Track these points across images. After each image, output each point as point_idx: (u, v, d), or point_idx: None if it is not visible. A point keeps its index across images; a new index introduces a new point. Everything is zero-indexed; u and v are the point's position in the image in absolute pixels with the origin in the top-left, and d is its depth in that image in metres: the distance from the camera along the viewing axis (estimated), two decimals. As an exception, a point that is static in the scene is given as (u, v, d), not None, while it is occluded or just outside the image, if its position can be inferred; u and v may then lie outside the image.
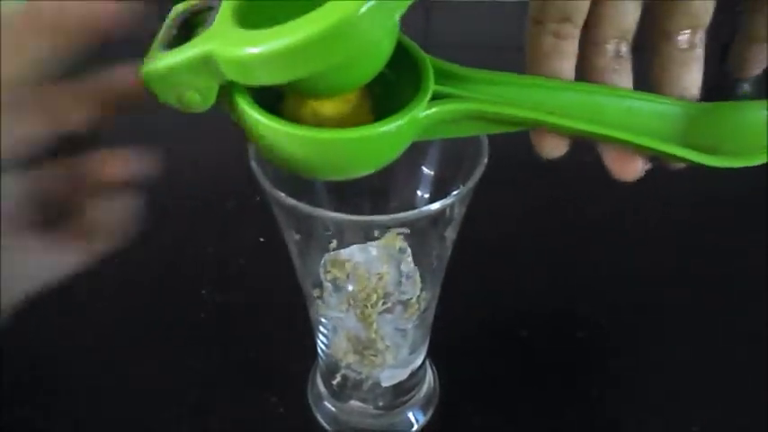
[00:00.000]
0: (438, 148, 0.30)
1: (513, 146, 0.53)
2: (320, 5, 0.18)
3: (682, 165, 0.25)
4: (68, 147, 0.22)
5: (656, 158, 0.25)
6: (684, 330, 0.41)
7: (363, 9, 0.17)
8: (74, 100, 0.21)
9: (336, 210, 0.25)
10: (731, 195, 0.50)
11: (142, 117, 0.61)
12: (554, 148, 0.26)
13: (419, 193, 0.31)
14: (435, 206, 0.25)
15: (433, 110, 0.22)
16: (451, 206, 0.27)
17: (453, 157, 0.28)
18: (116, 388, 0.38)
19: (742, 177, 0.53)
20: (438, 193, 0.27)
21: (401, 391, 0.35)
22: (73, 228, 0.22)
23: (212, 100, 0.21)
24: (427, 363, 0.36)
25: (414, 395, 0.36)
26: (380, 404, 0.35)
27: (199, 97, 0.21)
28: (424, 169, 0.31)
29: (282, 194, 0.25)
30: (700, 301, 0.42)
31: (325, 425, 0.36)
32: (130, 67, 0.21)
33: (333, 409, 0.36)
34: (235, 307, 0.42)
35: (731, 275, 0.44)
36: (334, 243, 0.29)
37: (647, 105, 0.25)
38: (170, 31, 0.22)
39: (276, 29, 0.18)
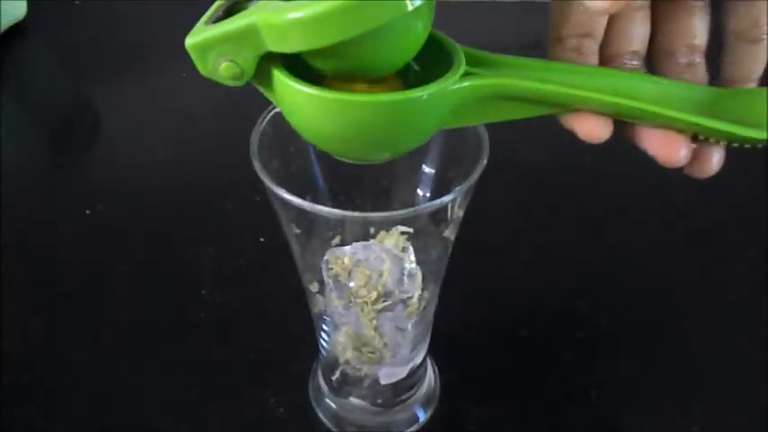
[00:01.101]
0: (439, 147, 0.30)
1: (514, 146, 0.53)
2: None
3: (718, 151, 0.25)
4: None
5: (697, 139, 0.24)
6: (684, 330, 0.41)
7: None
8: None
9: (338, 208, 0.25)
10: (731, 195, 0.50)
11: (142, 117, 0.61)
12: (594, 129, 0.24)
13: (420, 192, 0.31)
14: (433, 204, 0.25)
15: (465, 83, 0.22)
16: (452, 205, 0.27)
17: (454, 157, 0.28)
18: (116, 388, 0.38)
19: (742, 177, 0.54)
20: (439, 193, 0.27)
21: (401, 389, 0.35)
22: None
23: (250, 73, 0.22)
24: (428, 361, 0.36)
25: (414, 393, 0.36)
26: (380, 401, 0.35)
27: (237, 69, 0.22)
28: (425, 169, 0.31)
29: (284, 192, 0.25)
30: (700, 301, 0.42)
31: (325, 422, 0.36)
32: None
33: (333, 405, 0.36)
34: (235, 307, 0.42)
35: (731, 275, 0.44)
36: (336, 240, 0.29)
37: (681, 90, 0.25)
38: (217, 12, 0.23)
39: None
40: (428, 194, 0.31)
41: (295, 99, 0.22)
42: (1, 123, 0.56)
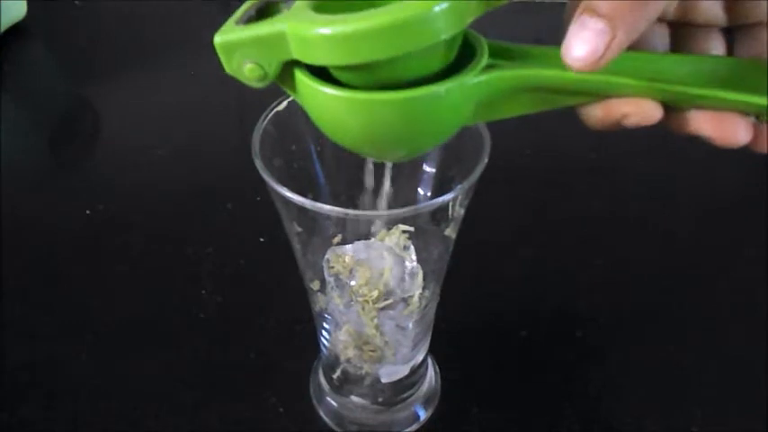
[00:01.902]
0: (440, 147, 0.30)
1: (515, 145, 0.53)
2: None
3: None
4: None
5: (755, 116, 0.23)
6: (684, 330, 0.41)
7: (435, 9, 0.19)
8: None
9: (339, 207, 0.25)
10: (731, 195, 0.50)
11: (142, 117, 0.61)
12: (647, 109, 0.22)
13: (421, 191, 0.31)
14: (434, 202, 0.25)
15: (485, 76, 0.22)
16: (453, 204, 0.27)
17: (455, 156, 0.28)
18: (116, 388, 0.38)
19: (742, 177, 0.54)
20: (440, 192, 0.27)
21: (402, 388, 0.35)
22: None
23: (273, 77, 0.23)
24: (429, 360, 0.36)
25: (415, 392, 0.36)
26: (380, 400, 0.35)
27: (261, 72, 0.22)
28: (426, 167, 0.31)
29: (285, 190, 0.25)
30: (699, 301, 0.42)
31: (326, 420, 0.36)
32: None
33: (334, 404, 0.36)
34: (235, 307, 0.42)
35: (731, 275, 0.44)
36: (337, 238, 0.29)
37: (708, 64, 0.24)
38: (249, 11, 0.23)
39: (349, 15, 0.20)
40: (429, 193, 0.31)
41: (316, 99, 0.22)
42: (1, 123, 0.56)
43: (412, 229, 0.30)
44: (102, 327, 0.41)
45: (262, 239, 0.45)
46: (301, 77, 0.22)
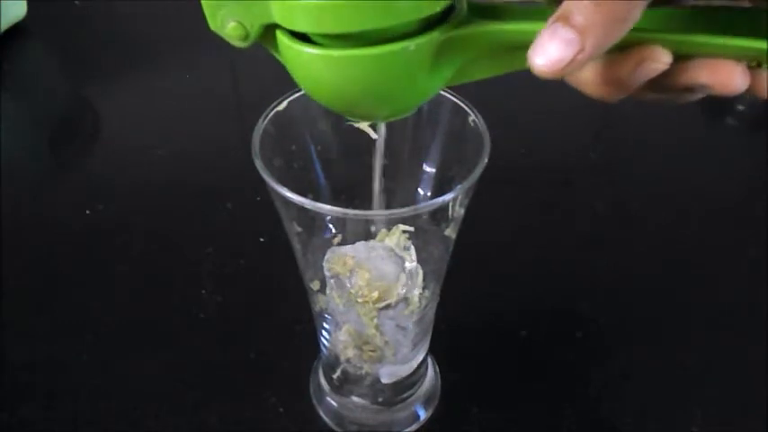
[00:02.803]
0: (440, 146, 0.30)
1: (515, 145, 0.53)
2: None
3: None
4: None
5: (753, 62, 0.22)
6: (684, 330, 0.41)
7: None
8: None
9: (339, 207, 0.25)
10: (731, 195, 0.50)
11: (142, 117, 0.61)
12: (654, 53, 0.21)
13: (421, 191, 0.31)
14: (434, 202, 0.25)
15: (458, 32, 0.22)
16: (453, 204, 0.27)
17: (455, 156, 0.28)
18: (116, 388, 0.38)
19: (742, 177, 0.54)
20: (440, 193, 0.27)
21: (402, 388, 0.35)
22: None
23: (254, 37, 0.23)
24: (429, 360, 0.36)
25: (415, 392, 0.36)
26: (380, 400, 0.35)
27: (243, 31, 0.23)
28: (426, 167, 0.31)
29: (285, 190, 0.25)
30: (700, 301, 0.42)
31: (326, 420, 0.36)
32: None
33: (334, 404, 0.36)
34: (235, 307, 0.42)
35: (731, 275, 0.44)
36: (338, 238, 0.29)
37: (712, 14, 0.23)
38: None
39: None
40: (429, 193, 0.31)
41: (294, 58, 0.22)
42: (1, 123, 0.56)
43: (412, 229, 0.30)
44: (102, 327, 0.41)
45: (262, 239, 0.45)
46: (281, 38, 0.22)
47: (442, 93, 0.29)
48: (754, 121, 0.56)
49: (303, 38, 0.22)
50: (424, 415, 0.36)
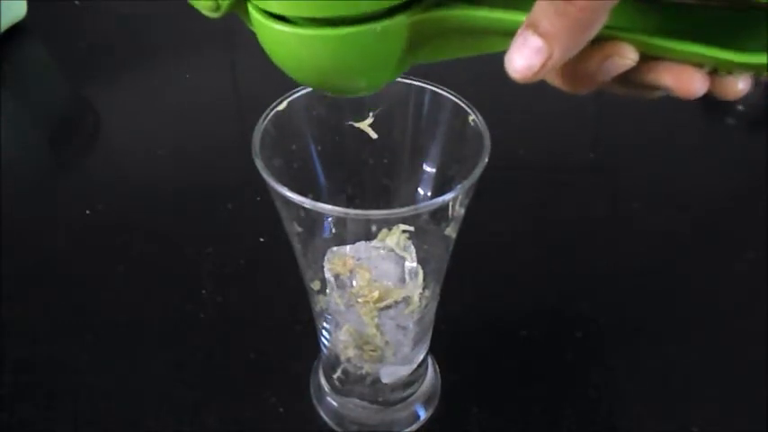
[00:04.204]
0: (440, 146, 0.30)
1: (515, 144, 0.53)
2: None
3: (743, 83, 0.22)
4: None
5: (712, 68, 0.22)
6: (684, 330, 0.41)
7: None
8: None
9: (339, 207, 0.25)
10: (731, 195, 0.50)
11: (142, 117, 0.61)
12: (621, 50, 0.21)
13: (421, 191, 0.31)
14: (434, 202, 0.25)
15: (426, 15, 0.22)
16: (453, 204, 0.27)
17: (455, 156, 0.29)
18: (116, 388, 0.38)
19: (742, 177, 0.54)
20: (440, 193, 0.27)
21: (402, 388, 0.35)
22: None
23: (225, 10, 0.23)
24: (429, 359, 0.36)
25: (415, 391, 0.36)
26: (381, 400, 0.35)
27: (214, 3, 0.23)
28: (426, 167, 0.31)
29: (286, 190, 0.25)
30: (699, 301, 0.42)
31: (327, 420, 0.36)
32: None
33: (335, 404, 0.36)
34: (235, 307, 0.42)
35: (731, 275, 0.44)
36: (338, 238, 0.29)
37: (688, 11, 0.23)
38: None
39: None
40: (429, 193, 0.31)
41: (265, 32, 0.22)
42: (1, 123, 0.56)
43: (412, 228, 0.30)
44: (102, 327, 0.41)
45: (262, 239, 0.45)
46: (253, 12, 0.23)
47: (442, 93, 0.29)
48: (754, 121, 0.56)
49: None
50: (424, 415, 0.36)
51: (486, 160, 0.26)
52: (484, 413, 0.36)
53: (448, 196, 0.25)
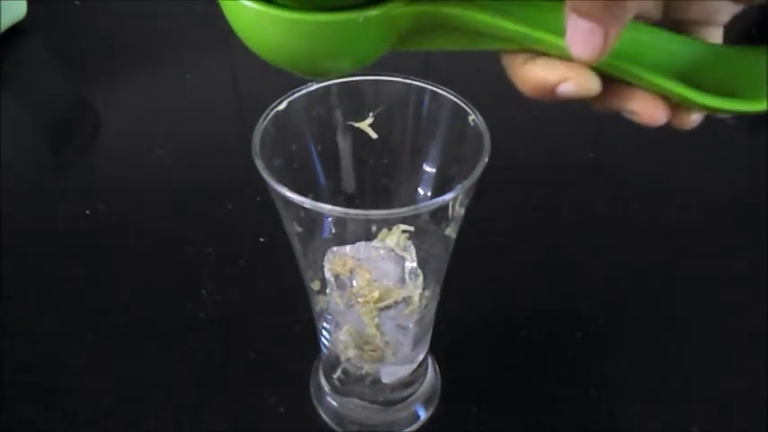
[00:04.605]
0: (440, 146, 0.30)
1: (515, 144, 0.53)
2: None
3: (696, 117, 0.23)
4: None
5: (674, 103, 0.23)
6: (684, 330, 0.41)
7: None
8: None
9: (339, 207, 0.25)
10: (731, 195, 0.50)
11: (142, 117, 0.61)
12: (546, 77, 0.22)
13: (421, 191, 0.31)
14: (434, 202, 0.25)
15: (410, 8, 0.21)
16: (453, 204, 0.27)
17: (455, 156, 0.29)
18: (116, 388, 0.38)
19: (742, 177, 0.54)
20: (440, 193, 0.27)
21: (402, 388, 0.35)
22: None
23: None
24: (429, 359, 0.36)
25: (415, 392, 0.36)
26: (381, 400, 0.35)
27: None
28: (426, 167, 0.31)
29: (285, 190, 0.25)
30: (699, 301, 0.42)
31: (327, 420, 0.36)
32: None
33: (335, 404, 0.36)
34: (235, 307, 0.42)
35: (731, 275, 0.44)
36: (338, 238, 0.29)
37: (660, 40, 0.23)
38: None
39: None
40: (429, 193, 0.31)
41: (233, 7, 0.21)
42: (1, 123, 0.56)
43: (412, 228, 0.30)
44: (102, 327, 0.41)
45: (262, 239, 0.45)
46: None
47: (442, 93, 0.29)
48: (754, 121, 0.56)
49: None
50: (424, 415, 0.36)
51: (486, 160, 0.26)
52: (484, 413, 0.36)
53: (448, 196, 0.25)
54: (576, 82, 0.21)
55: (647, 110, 0.22)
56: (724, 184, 0.51)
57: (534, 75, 0.22)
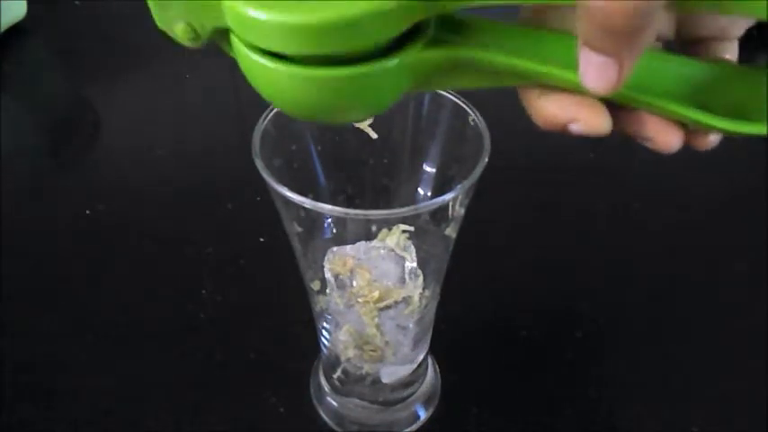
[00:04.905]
0: (440, 146, 0.30)
1: (515, 144, 0.53)
2: None
3: (714, 138, 0.23)
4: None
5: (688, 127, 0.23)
6: (684, 330, 0.41)
7: (386, 8, 0.18)
8: None
9: (339, 207, 0.25)
10: (731, 195, 0.50)
11: (142, 117, 0.61)
12: (557, 114, 0.22)
13: (421, 191, 0.31)
14: (434, 202, 0.25)
15: (425, 55, 0.21)
16: (453, 204, 0.27)
17: (455, 156, 0.28)
18: (116, 388, 0.38)
19: (742, 177, 0.54)
20: (440, 193, 0.27)
21: (402, 388, 0.35)
22: None
23: (204, 38, 0.22)
24: (429, 359, 0.36)
25: (415, 391, 0.36)
26: (381, 400, 0.35)
27: (193, 33, 0.22)
28: (426, 167, 0.31)
29: (286, 190, 0.25)
30: (699, 301, 0.43)
31: (327, 420, 0.36)
32: None
33: (335, 404, 0.36)
34: (235, 307, 0.42)
35: (731, 275, 0.44)
36: (338, 238, 0.29)
37: (672, 65, 0.23)
38: None
39: (289, 3, 0.19)
40: (429, 193, 0.31)
41: (248, 63, 0.21)
42: (1, 124, 0.56)
43: (412, 228, 0.30)
44: (103, 327, 0.41)
45: (262, 239, 0.45)
46: (236, 44, 0.21)
47: (443, 93, 0.29)
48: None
49: None
50: (424, 415, 0.36)
51: (487, 160, 0.26)
52: (484, 413, 0.36)
53: (448, 196, 0.25)
54: (585, 123, 0.21)
55: (661, 136, 0.22)
56: (724, 184, 0.51)
57: (546, 111, 0.22)
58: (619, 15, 0.17)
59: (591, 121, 0.21)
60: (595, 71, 0.19)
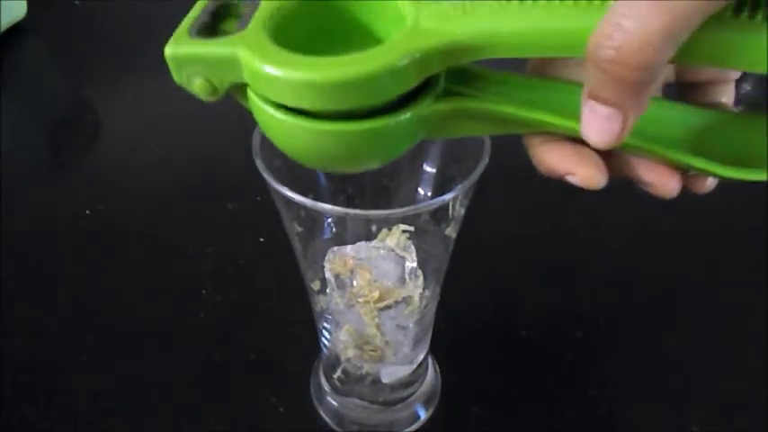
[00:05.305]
0: (440, 146, 0.30)
1: (515, 144, 0.53)
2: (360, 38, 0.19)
3: (712, 182, 0.24)
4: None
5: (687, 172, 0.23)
6: (684, 330, 0.41)
7: (399, 65, 0.19)
8: None
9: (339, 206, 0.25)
10: (731, 196, 0.50)
11: (142, 117, 0.61)
12: (556, 167, 0.23)
13: (421, 191, 0.31)
14: (435, 202, 0.25)
15: (436, 107, 0.22)
16: (453, 204, 0.27)
17: (455, 156, 0.28)
18: (116, 388, 0.38)
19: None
20: (440, 193, 0.27)
21: (402, 388, 0.35)
22: None
23: (221, 93, 0.22)
24: (429, 359, 0.36)
25: (415, 391, 0.36)
26: (381, 400, 0.35)
27: (211, 88, 0.22)
28: (426, 167, 0.31)
29: (286, 189, 0.25)
30: (699, 301, 0.43)
31: (327, 420, 0.36)
32: None
33: (335, 404, 0.36)
34: (235, 307, 0.42)
35: (731, 275, 0.44)
36: (338, 238, 0.29)
37: (673, 113, 0.24)
38: (202, 17, 0.22)
39: (305, 60, 0.19)
40: (429, 193, 0.31)
41: (265, 117, 0.22)
42: (1, 123, 0.56)
43: (412, 228, 0.30)
44: (103, 327, 0.41)
45: (262, 239, 0.45)
46: (253, 99, 0.22)
47: None
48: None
49: None
50: (424, 415, 0.36)
51: (487, 160, 0.26)
52: (484, 413, 0.36)
53: (448, 196, 0.25)
54: (580, 178, 0.22)
55: (661, 181, 0.23)
56: (724, 185, 0.51)
57: (546, 161, 0.23)
58: (628, 68, 0.18)
59: (586, 177, 0.22)
60: (599, 123, 0.20)
